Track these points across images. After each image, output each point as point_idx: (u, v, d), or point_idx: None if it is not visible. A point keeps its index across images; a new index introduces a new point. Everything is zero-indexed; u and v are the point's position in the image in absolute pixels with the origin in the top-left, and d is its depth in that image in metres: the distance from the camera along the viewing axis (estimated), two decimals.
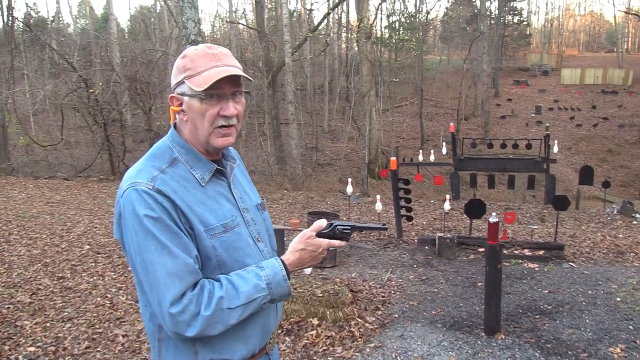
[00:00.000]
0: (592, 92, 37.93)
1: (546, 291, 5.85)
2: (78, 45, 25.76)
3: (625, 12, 50.15)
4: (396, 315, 5.19)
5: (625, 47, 56.56)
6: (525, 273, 6.66)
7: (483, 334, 4.46)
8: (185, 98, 1.46)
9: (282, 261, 1.52)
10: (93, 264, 6.93)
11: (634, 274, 6.60)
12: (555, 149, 12.67)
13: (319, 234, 1.58)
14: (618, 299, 5.49)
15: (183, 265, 1.35)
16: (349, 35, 32.64)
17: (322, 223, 1.58)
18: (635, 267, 7.04)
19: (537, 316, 4.98)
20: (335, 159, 25.47)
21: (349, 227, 1.62)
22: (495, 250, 4.20)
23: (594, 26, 70.52)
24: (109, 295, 5.69)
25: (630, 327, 4.66)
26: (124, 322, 4.96)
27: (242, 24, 21.24)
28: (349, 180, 10.44)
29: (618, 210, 11.51)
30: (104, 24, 30.87)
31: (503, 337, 4.37)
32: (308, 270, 6.17)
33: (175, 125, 1.54)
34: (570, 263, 7.17)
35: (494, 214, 4.44)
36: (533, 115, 33.44)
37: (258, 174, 18.64)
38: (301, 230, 1.62)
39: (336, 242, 1.58)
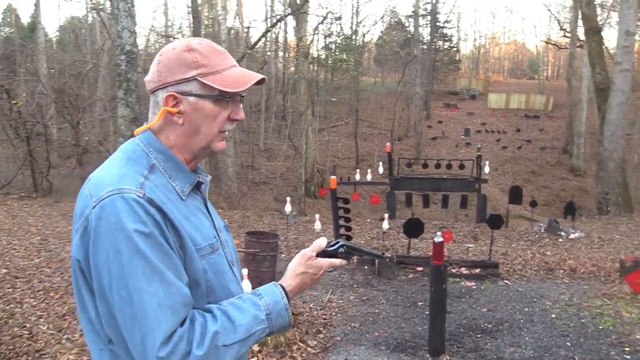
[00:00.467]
0: (516, 116, 39.90)
1: (485, 309, 5.91)
2: (1, 53, 24.30)
3: (546, 42, 53.57)
4: (338, 338, 5.06)
5: (545, 74, 60.17)
6: (463, 291, 6.72)
7: (428, 355, 4.40)
8: (191, 98, 1.25)
9: (283, 287, 1.32)
10: (10, 290, 6.36)
11: (564, 290, 6.82)
12: (487, 169, 13.07)
13: (322, 253, 1.42)
14: (553, 316, 5.63)
15: (178, 295, 1.11)
16: (287, 54, 32.80)
17: (322, 243, 1.42)
18: (564, 284, 7.29)
19: (479, 335, 4.99)
20: (271, 177, 25.26)
21: (354, 249, 1.50)
22: (440, 271, 4.17)
23: (517, 54, 74.69)
24: (27, 325, 5.20)
25: (568, 343, 4.75)
26: (44, 354, 4.53)
27: (177, 39, 20.76)
28: (288, 199, 10.29)
29: (545, 229, 12.00)
30: (31, 33, 29.36)
31: (448, 357, 4.33)
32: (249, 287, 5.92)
33: (150, 129, 1.30)
34: (505, 281, 7.33)
35: (438, 233, 4.42)
36: (462, 137, 34.70)
37: None
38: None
39: (337, 262, 1.43)
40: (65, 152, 21.92)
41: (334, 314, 5.85)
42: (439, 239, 4.21)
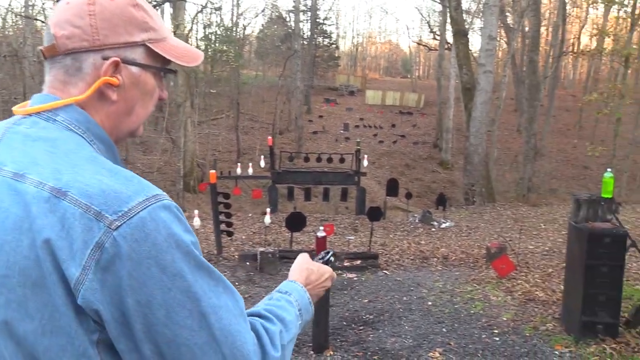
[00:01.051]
0: (391, 112, 41.78)
1: (366, 300, 5.99)
2: None
3: (418, 44, 56.71)
4: None
5: (417, 74, 63.77)
6: (345, 284, 6.78)
7: (312, 352, 4.32)
8: (134, 69, 0.96)
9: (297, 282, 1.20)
10: None
11: (438, 278, 7.14)
12: (365, 163, 13.47)
13: None
14: (429, 303, 5.84)
15: (240, 300, 0.91)
16: None
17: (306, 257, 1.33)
18: (438, 271, 7.65)
19: (361, 327, 5.02)
20: (147, 172, 23.98)
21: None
22: None
23: (392, 54, 78.36)
24: None
25: (444, 329, 4.94)
26: None
27: (40, 20, 18.90)
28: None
29: (419, 219, 12.61)
30: None
31: (332, 353, 4.29)
32: None
33: (79, 105, 0.94)
34: (384, 271, 7.53)
35: (320, 227, 4.35)
36: (342, 131, 35.58)
37: None
38: None
39: (334, 274, 1.33)
40: None
41: None
42: (321, 233, 4.13)
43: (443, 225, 12.04)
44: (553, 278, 6.83)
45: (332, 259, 1.40)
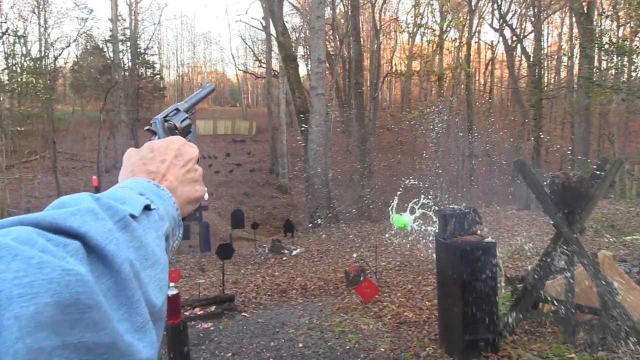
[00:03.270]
0: (224, 141, 41.14)
1: (230, 354, 5.24)
2: None
3: (244, 72, 57.09)
4: None
5: (246, 101, 64.00)
6: (201, 336, 5.93)
7: None
8: None
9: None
10: None
11: (302, 312, 6.64)
12: (206, 196, 12.58)
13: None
14: (300, 345, 5.29)
15: None
16: None
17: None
18: (300, 304, 7.16)
19: None
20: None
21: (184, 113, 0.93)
22: (179, 330, 3.31)
23: (219, 82, 77.83)
24: None
25: None
26: None
27: None
28: None
29: (269, 249, 12.10)
30: None
31: None
32: None
33: None
34: (243, 313, 6.82)
35: (172, 284, 3.55)
36: None
37: None
38: None
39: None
40: None
41: None
42: (172, 291, 3.35)
43: (294, 253, 11.68)
44: (415, 294, 6.75)
45: (177, 123, 0.89)
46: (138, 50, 42.86)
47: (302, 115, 16.55)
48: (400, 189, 7.90)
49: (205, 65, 76.54)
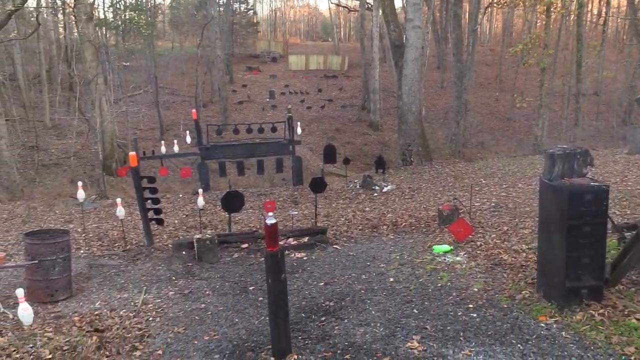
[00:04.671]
0: (316, 77, 40.99)
1: (322, 284, 5.41)
2: None
3: (337, 5, 55.82)
4: (160, 352, 4.08)
5: (339, 36, 62.98)
6: (295, 265, 6.15)
7: (272, 358, 3.67)
8: None
9: None
10: None
11: (393, 248, 6.67)
12: (299, 130, 12.76)
13: None
14: (392, 280, 5.33)
15: None
16: (66, 16, 28.77)
17: None
18: (391, 240, 7.18)
19: (323, 318, 4.43)
20: (63, 157, 22.10)
21: None
22: (276, 259, 3.42)
23: (311, 17, 76.97)
24: None
25: (415, 310, 4.44)
26: None
27: None
28: (79, 184, 8.68)
29: (360, 185, 12.14)
30: None
31: (296, 357, 3.66)
32: (29, 319, 4.50)
33: None
34: (334, 246, 6.96)
35: (270, 214, 3.64)
36: (267, 99, 34.54)
37: None
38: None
39: None
40: None
41: (151, 319, 4.81)
42: (271, 220, 3.43)
43: (385, 189, 11.65)
44: (511, 237, 6.52)
45: None
46: None
47: (396, 49, 16.00)
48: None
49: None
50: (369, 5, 34.12)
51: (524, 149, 21.66)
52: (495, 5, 20.40)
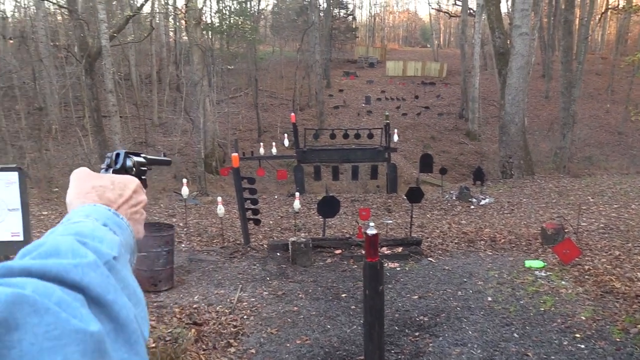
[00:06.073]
0: (413, 83, 40.45)
1: (416, 297, 5.29)
2: None
3: (437, 10, 54.87)
4: (253, 351, 4.17)
5: (438, 42, 61.83)
6: (388, 275, 6.07)
7: None
8: None
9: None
10: None
11: (491, 265, 6.39)
12: (395, 138, 12.63)
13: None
14: (490, 299, 5.11)
15: None
16: (177, 21, 30.57)
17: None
18: (488, 257, 6.89)
19: (417, 333, 4.33)
20: (168, 153, 23.44)
21: (144, 160, 0.95)
22: (375, 270, 3.37)
23: (410, 23, 76.21)
24: None
25: (515, 334, 4.21)
26: None
27: (48, 0, 18.26)
28: (184, 181, 9.14)
29: (456, 196, 11.79)
30: None
31: None
32: None
33: None
34: (429, 258, 6.80)
35: (371, 224, 3.61)
36: (363, 105, 34.57)
37: None
38: None
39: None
40: None
41: (245, 317, 4.94)
42: (372, 230, 3.39)
43: (482, 202, 11.22)
44: (624, 263, 6.03)
45: (128, 162, 0.89)
46: None
47: (500, 57, 15.40)
48: None
49: (397, 4, 75.17)
50: (471, 11, 33.23)
51: (638, 165, 20.07)
52: (613, 10, 19.00)
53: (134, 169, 0.90)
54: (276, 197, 12.60)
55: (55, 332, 0.46)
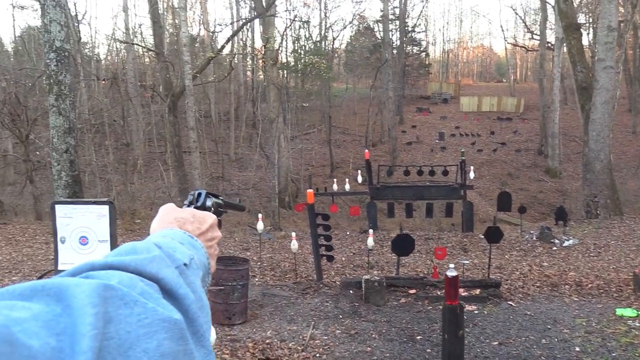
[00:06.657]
0: (489, 119, 39.63)
1: (496, 343, 5.03)
2: None
3: (513, 45, 53.87)
4: None
5: (514, 77, 60.50)
6: (465, 318, 5.81)
7: None
8: None
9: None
10: None
11: (577, 312, 6.00)
12: (472, 175, 12.34)
13: None
14: (577, 349, 4.77)
15: None
16: (254, 61, 31.85)
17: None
18: (574, 302, 6.48)
19: None
20: (243, 188, 24.18)
21: (222, 202, 1.04)
22: (455, 313, 3.25)
23: (485, 58, 75.16)
24: None
25: None
26: None
27: (137, 44, 19.61)
28: (260, 215, 9.32)
29: (536, 237, 11.26)
30: None
31: None
32: (213, 336, 4.89)
33: None
34: (509, 302, 6.48)
35: (452, 265, 3.50)
36: (437, 141, 34.19)
37: (156, 207, 16.92)
38: None
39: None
40: (21, 168, 20.50)
41: (318, 355, 4.89)
42: (452, 272, 3.29)
43: (565, 244, 10.64)
44: None
45: (208, 201, 0.98)
46: (406, 28, 43.97)
47: (583, 92, 14.80)
48: None
49: (472, 40, 74.46)
50: (550, 45, 32.33)
51: None
52: None
53: (212, 209, 0.98)
54: (348, 233, 12.56)
55: (147, 320, 0.51)
